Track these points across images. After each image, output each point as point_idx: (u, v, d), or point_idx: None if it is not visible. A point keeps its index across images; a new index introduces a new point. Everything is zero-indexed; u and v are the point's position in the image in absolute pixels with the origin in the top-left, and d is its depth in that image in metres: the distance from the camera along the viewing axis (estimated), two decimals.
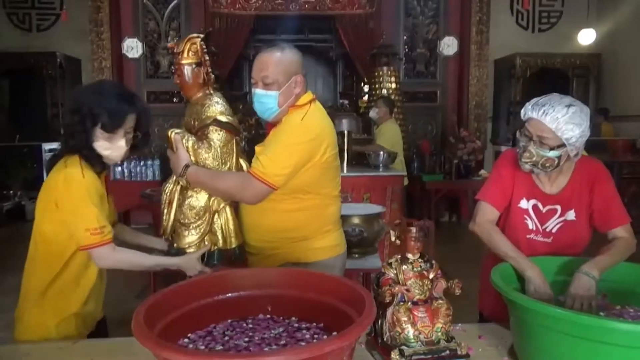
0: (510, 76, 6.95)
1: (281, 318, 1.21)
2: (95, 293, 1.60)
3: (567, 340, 1.06)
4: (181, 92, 1.82)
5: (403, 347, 1.18)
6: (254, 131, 5.42)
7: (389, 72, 6.00)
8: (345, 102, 7.49)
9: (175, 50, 1.77)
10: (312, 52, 7.95)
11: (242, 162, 1.84)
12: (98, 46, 6.33)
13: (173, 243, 1.77)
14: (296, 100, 1.69)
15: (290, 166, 1.60)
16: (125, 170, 5.87)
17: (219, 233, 1.78)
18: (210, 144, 1.72)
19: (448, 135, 6.45)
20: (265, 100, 1.66)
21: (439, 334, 1.21)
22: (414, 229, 1.25)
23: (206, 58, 1.77)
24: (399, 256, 1.28)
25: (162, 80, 6.50)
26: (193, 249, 1.73)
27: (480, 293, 1.82)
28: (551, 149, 1.46)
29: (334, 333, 1.10)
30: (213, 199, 1.75)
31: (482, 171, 5.66)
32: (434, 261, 1.29)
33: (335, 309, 1.14)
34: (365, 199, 3.74)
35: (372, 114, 4.98)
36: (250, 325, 1.17)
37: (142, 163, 5.88)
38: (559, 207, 1.59)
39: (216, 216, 1.77)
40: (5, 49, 6.71)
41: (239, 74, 7.70)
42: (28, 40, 6.92)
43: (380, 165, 4.20)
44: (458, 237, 5.85)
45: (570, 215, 1.58)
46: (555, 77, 6.90)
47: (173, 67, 1.84)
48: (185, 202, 1.74)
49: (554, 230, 1.59)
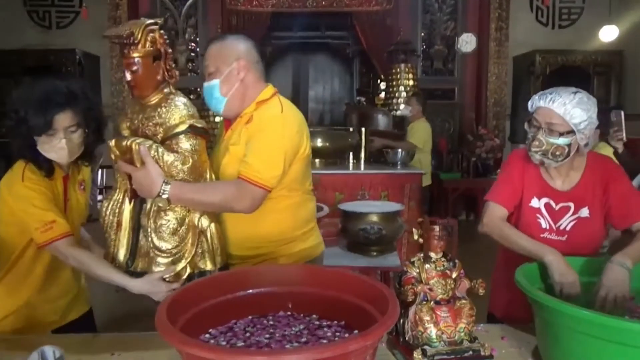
0: (530, 73, 6.84)
1: (302, 315, 1.20)
2: (59, 286, 1.62)
3: (596, 343, 1.03)
4: (133, 92, 1.45)
5: (425, 347, 1.17)
6: None
7: (407, 69, 5.96)
8: (362, 99, 7.47)
9: (128, 40, 1.38)
10: (329, 49, 7.95)
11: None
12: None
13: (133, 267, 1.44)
14: (255, 92, 1.60)
15: (282, 163, 1.51)
16: None
17: (207, 255, 1.46)
18: (185, 155, 1.41)
19: (466, 133, 6.39)
20: (209, 91, 1.57)
21: (462, 334, 1.19)
22: (437, 228, 1.24)
23: (168, 50, 1.46)
24: (422, 255, 1.26)
25: (180, 77, 6.50)
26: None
27: (491, 294, 1.77)
28: (560, 135, 1.47)
29: (355, 331, 1.10)
30: (198, 216, 1.44)
31: None
32: (457, 260, 1.27)
33: (356, 307, 1.13)
34: (383, 196, 3.72)
35: (405, 111, 4.86)
36: (271, 322, 1.17)
37: None
38: (572, 205, 1.57)
39: (202, 236, 1.45)
40: (26, 46, 6.81)
41: None
42: (48, 38, 7.01)
43: (399, 162, 4.17)
44: (475, 236, 5.71)
45: (584, 212, 1.56)
46: (576, 75, 6.77)
47: (127, 64, 1.41)
48: (162, 226, 1.41)
49: (567, 228, 1.57)
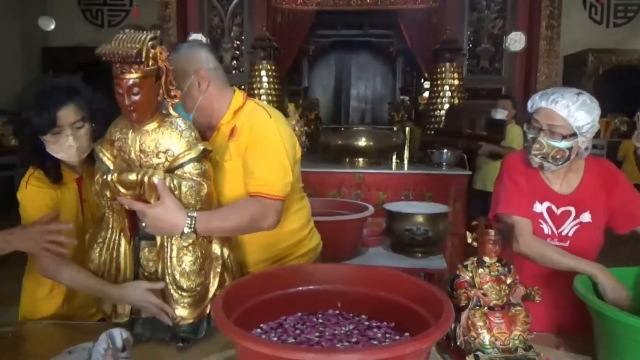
0: (581, 73, 6.60)
1: (351, 315, 1.19)
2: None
3: None
4: (131, 117, 1.22)
5: (478, 353, 1.14)
6: (313, 125, 5.44)
7: (452, 68, 5.84)
8: (406, 99, 7.39)
9: (133, 58, 1.14)
10: (372, 48, 7.90)
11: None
12: (165, 41, 6.55)
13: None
14: (223, 101, 1.50)
15: (289, 169, 1.47)
16: None
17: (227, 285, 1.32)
18: (200, 182, 1.27)
19: None
20: (178, 110, 1.36)
21: (517, 341, 1.15)
22: (492, 232, 1.20)
23: (170, 67, 1.24)
24: (475, 258, 1.23)
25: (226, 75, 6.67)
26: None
27: None
28: (563, 138, 1.42)
29: (406, 334, 1.08)
30: (219, 246, 1.34)
31: None
32: (512, 266, 1.23)
33: (407, 308, 1.11)
34: (428, 197, 3.66)
35: (500, 115, 4.52)
36: (320, 320, 1.17)
37: None
38: (573, 209, 1.52)
39: (224, 267, 1.34)
40: (79, 43, 7.10)
41: (298, 69, 7.76)
42: (100, 35, 7.30)
43: (444, 163, 4.10)
44: None
45: (586, 217, 1.51)
46: (631, 75, 6.47)
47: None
48: (187, 264, 1.27)
49: (570, 234, 1.52)
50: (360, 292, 1.20)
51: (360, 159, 4.13)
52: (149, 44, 1.17)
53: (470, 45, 6.60)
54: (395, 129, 4.56)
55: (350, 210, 2.45)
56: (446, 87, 5.76)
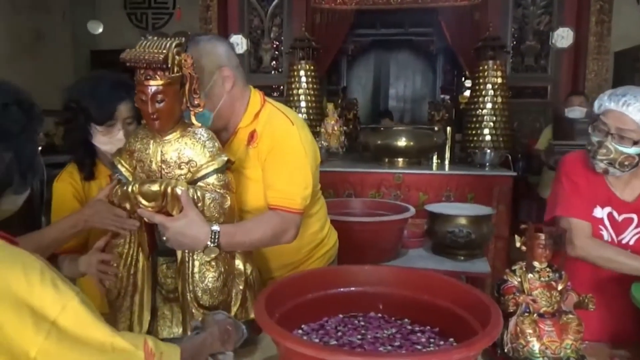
0: (634, 70, 6.26)
1: (393, 318, 1.18)
2: None
3: None
4: (154, 126, 1.18)
5: None
6: (351, 125, 5.41)
7: (495, 66, 5.66)
8: (446, 98, 7.26)
9: (160, 64, 1.13)
10: (411, 46, 7.79)
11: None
12: None
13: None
14: (243, 102, 1.44)
15: (310, 180, 1.42)
16: None
17: (249, 302, 1.30)
18: (223, 194, 1.23)
19: None
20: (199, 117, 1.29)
21: (569, 351, 1.11)
22: (542, 236, 1.15)
23: (194, 75, 1.19)
24: (524, 263, 1.19)
25: (265, 75, 6.70)
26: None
27: None
28: (634, 144, 1.31)
29: (451, 339, 1.05)
30: (241, 263, 1.29)
31: None
32: (563, 272, 1.18)
33: (451, 313, 1.08)
34: (470, 198, 3.58)
35: (579, 114, 4.14)
36: (362, 323, 1.15)
37: None
38: (635, 217, 1.43)
39: (246, 284, 1.30)
40: (126, 45, 7.17)
41: (337, 68, 7.75)
42: None
43: (487, 164, 3.99)
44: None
45: None
46: None
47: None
48: (210, 280, 1.22)
49: (631, 243, 1.43)
50: (402, 295, 1.18)
51: (400, 159, 4.07)
52: (175, 50, 1.14)
53: (514, 42, 6.41)
54: (436, 128, 4.47)
55: (391, 211, 2.41)
56: (489, 86, 5.60)
